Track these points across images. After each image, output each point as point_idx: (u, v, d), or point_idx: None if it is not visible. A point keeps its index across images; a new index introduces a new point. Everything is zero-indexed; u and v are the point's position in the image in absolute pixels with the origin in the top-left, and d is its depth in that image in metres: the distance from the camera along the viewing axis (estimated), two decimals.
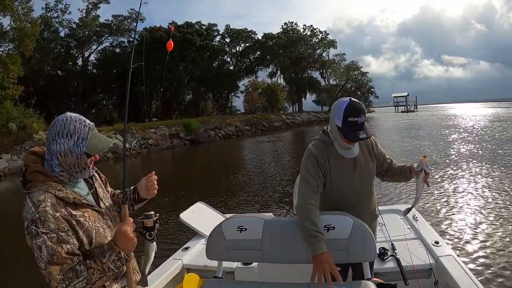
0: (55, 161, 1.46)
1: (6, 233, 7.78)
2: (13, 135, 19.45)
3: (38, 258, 1.34)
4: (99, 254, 1.41)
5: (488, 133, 20.52)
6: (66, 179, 1.49)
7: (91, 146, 1.48)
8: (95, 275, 1.36)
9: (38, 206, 1.35)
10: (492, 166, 10.24)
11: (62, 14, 39.32)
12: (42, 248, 1.33)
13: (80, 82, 41.80)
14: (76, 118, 1.49)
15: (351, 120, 1.98)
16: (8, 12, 25.08)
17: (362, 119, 1.99)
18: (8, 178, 16.85)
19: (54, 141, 1.45)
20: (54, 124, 1.47)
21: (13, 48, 27.21)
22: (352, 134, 1.99)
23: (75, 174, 1.50)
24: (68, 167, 1.47)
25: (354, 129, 1.98)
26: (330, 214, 2.10)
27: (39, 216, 1.34)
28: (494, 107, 67.39)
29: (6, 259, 6.08)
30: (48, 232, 1.34)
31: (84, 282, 1.34)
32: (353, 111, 1.99)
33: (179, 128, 28.32)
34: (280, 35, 55.64)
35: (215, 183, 11.43)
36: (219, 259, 2.28)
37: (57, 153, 1.45)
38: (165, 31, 44.42)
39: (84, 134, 1.47)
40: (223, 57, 52.38)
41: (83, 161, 1.49)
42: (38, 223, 1.33)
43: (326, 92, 61.19)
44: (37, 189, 1.41)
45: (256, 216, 2.24)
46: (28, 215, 1.36)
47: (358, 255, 2.03)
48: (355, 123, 1.98)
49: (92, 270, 1.36)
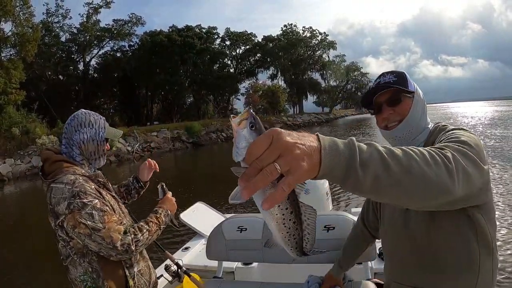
0: (76, 151, 1.64)
1: (10, 237, 7.87)
2: (16, 140, 19.52)
3: (93, 227, 1.45)
4: (153, 212, 1.73)
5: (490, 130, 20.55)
6: (86, 167, 1.66)
7: (109, 133, 1.73)
8: (154, 227, 1.64)
9: (73, 183, 1.49)
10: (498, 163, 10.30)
11: (63, 19, 39.45)
12: (93, 214, 1.46)
13: (81, 86, 41.93)
14: (92, 112, 1.72)
15: None
16: (9, 18, 25.23)
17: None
18: (12, 182, 16.94)
19: (77, 131, 1.63)
20: (74, 118, 1.66)
21: (14, 54, 27.37)
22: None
23: (94, 161, 1.69)
24: (88, 155, 1.67)
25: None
26: (330, 214, 2.09)
27: (79, 189, 1.47)
28: (494, 105, 67.22)
29: (8, 263, 6.17)
30: (93, 200, 1.48)
31: (147, 233, 1.59)
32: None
33: (181, 131, 28.39)
34: (280, 37, 55.77)
35: (216, 184, 11.47)
36: (219, 259, 2.28)
37: (80, 142, 1.64)
38: (165, 35, 44.65)
39: (102, 124, 1.71)
40: (223, 60, 52.53)
41: (102, 147, 1.70)
42: (80, 195, 1.46)
43: (327, 93, 61.34)
44: (64, 174, 1.53)
45: (256, 216, 2.20)
46: (65, 194, 1.47)
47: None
48: None
49: (151, 223, 1.65)
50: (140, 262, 1.73)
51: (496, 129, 22.30)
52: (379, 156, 0.66)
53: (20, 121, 21.28)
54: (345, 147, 0.64)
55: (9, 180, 17.26)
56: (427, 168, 0.71)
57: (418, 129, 1.25)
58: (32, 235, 8.18)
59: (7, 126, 20.36)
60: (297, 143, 0.58)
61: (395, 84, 1.23)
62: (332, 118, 56.70)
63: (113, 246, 1.46)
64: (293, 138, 0.58)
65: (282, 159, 0.56)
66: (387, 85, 1.24)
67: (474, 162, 0.86)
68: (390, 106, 1.25)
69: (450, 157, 0.78)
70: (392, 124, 1.26)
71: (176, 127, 29.48)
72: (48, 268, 5.70)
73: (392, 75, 1.27)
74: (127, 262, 1.64)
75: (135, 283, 1.66)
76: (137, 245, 1.53)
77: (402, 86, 1.23)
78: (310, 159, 0.59)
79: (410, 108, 1.24)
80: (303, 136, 0.61)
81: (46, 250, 6.73)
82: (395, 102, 1.24)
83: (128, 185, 2.05)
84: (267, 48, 53.88)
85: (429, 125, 1.28)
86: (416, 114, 1.25)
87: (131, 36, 44.41)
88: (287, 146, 0.57)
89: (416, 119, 1.25)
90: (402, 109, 1.24)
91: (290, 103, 59.42)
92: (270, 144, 0.57)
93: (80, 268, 1.54)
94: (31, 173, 18.30)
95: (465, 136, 0.99)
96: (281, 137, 0.57)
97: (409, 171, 0.68)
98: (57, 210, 1.47)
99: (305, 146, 0.59)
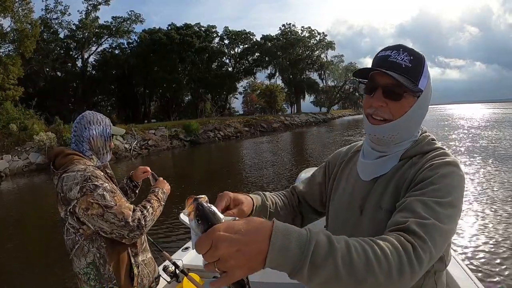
0: (86, 146, 1.78)
1: (7, 234, 7.90)
2: (13, 136, 19.46)
3: (106, 204, 1.57)
4: (151, 192, 1.87)
5: (485, 132, 20.71)
6: (95, 161, 1.79)
7: (114, 130, 1.89)
8: (155, 203, 1.78)
9: (85, 170, 1.62)
10: (492, 164, 10.42)
11: (61, 16, 39.35)
12: (104, 194, 1.58)
13: (79, 83, 41.84)
14: (97, 112, 1.88)
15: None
16: (8, 14, 25.18)
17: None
18: (9, 178, 16.93)
19: (86, 128, 1.77)
20: (83, 117, 1.81)
21: (13, 50, 27.30)
22: None
23: (102, 156, 1.83)
24: (97, 150, 1.80)
25: None
26: None
27: (90, 174, 1.60)
28: (491, 108, 67.57)
29: (4, 258, 6.21)
30: (103, 183, 1.61)
31: (151, 209, 1.72)
32: None
33: (178, 129, 28.40)
34: (279, 36, 55.83)
35: (215, 183, 11.57)
36: None
37: (89, 138, 1.77)
38: (164, 33, 44.62)
39: (108, 122, 1.87)
40: (222, 58, 52.55)
41: (109, 143, 1.85)
42: (92, 179, 1.59)
43: (325, 93, 61.43)
44: (74, 165, 1.66)
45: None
46: (77, 179, 1.58)
47: None
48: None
49: (152, 200, 1.79)
50: (145, 253, 1.84)
51: (492, 130, 22.52)
52: (333, 266, 0.63)
53: (18, 117, 21.19)
54: (297, 249, 0.62)
55: (6, 176, 17.23)
56: (384, 281, 0.66)
57: (404, 136, 1.02)
58: (30, 231, 8.21)
59: (4, 122, 20.29)
60: (239, 250, 0.59)
61: (405, 74, 0.94)
62: (329, 118, 56.82)
63: (126, 222, 1.56)
64: (233, 244, 0.59)
65: (220, 264, 0.60)
66: (393, 70, 0.94)
67: (446, 237, 0.80)
68: (385, 97, 0.98)
69: (417, 259, 0.71)
70: (377, 118, 1.00)
71: (174, 125, 29.48)
72: (45, 263, 5.76)
73: (408, 55, 0.96)
74: (133, 250, 1.73)
75: (139, 272, 1.76)
76: (146, 221, 1.64)
77: (412, 78, 0.95)
78: (251, 262, 0.61)
79: (408, 111, 0.98)
80: (251, 235, 0.61)
81: (44, 246, 6.80)
82: (393, 96, 0.97)
83: (123, 186, 2.16)
84: (266, 47, 53.94)
85: (418, 132, 1.06)
86: (412, 119, 1.00)
87: (130, 34, 44.36)
88: (223, 256, 0.59)
89: (409, 125, 1.00)
90: (398, 108, 0.97)
91: (288, 103, 59.53)
92: (210, 247, 0.59)
93: (83, 260, 1.62)
94: (28, 169, 18.30)
95: (448, 183, 0.86)
96: (219, 245, 0.58)
97: (361, 284, 0.65)
98: (69, 196, 1.56)
99: (246, 253, 0.60)
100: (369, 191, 1.04)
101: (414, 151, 1.01)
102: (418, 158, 0.99)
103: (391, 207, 0.94)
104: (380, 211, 0.98)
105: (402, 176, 0.98)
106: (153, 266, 1.90)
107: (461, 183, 0.89)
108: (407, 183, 0.95)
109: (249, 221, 0.63)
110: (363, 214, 1.03)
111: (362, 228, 1.02)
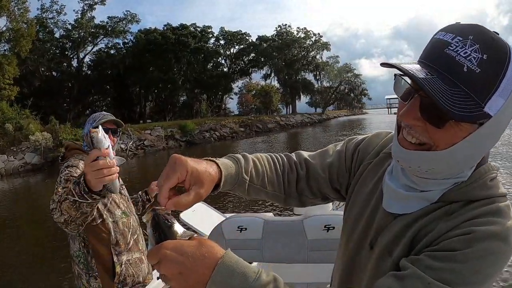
0: (84, 142, 2.03)
1: (2, 234, 7.95)
2: (9, 136, 19.48)
3: (58, 182, 1.76)
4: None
5: None
6: None
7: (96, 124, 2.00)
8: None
9: (73, 162, 1.88)
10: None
11: (57, 15, 39.23)
12: (61, 178, 1.77)
13: (75, 83, 41.70)
14: (102, 112, 2.12)
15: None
16: (4, 13, 25.13)
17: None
18: (5, 179, 16.96)
19: (85, 126, 2.01)
20: (89, 117, 2.06)
21: (8, 49, 27.25)
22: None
23: None
24: (89, 145, 1.96)
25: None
26: (330, 214, 2.11)
27: (72, 164, 1.85)
28: None
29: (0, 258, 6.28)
30: (71, 172, 1.79)
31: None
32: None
33: (174, 129, 28.49)
34: (274, 37, 56.00)
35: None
36: None
37: (84, 134, 2.00)
38: (159, 33, 44.61)
39: (93, 117, 2.03)
40: (217, 59, 52.61)
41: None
42: (70, 167, 1.82)
43: (320, 94, 61.71)
44: (74, 158, 1.93)
45: (256, 216, 2.19)
46: (64, 166, 1.86)
47: None
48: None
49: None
50: (132, 253, 1.93)
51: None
52: None
53: (14, 117, 21.19)
54: (239, 282, 0.59)
55: (2, 176, 17.26)
56: None
57: (446, 172, 0.70)
58: (25, 232, 8.29)
59: (0, 122, 20.30)
60: (181, 273, 0.58)
61: (464, 84, 0.60)
62: (324, 118, 57.03)
63: (51, 209, 1.59)
64: (176, 266, 0.58)
65: (164, 279, 0.60)
66: (443, 75, 0.61)
67: None
68: (422, 114, 0.65)
69: None
70: (408, 138, 0.69)
71: (170, 125, 29.58)
72: (40, 263, 5.85)
73: (479, 52, 0.59)
74: (116, 249, 1.85)
75: (122, 271, 1.85)
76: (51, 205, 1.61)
77: (476, 95, 0.60)
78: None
79: (459, 142, 0.65)
80: (196, 261, 0.59)
81: (40, 246, 6.89)
82: (432, 120, 0.64)
83: (137, 197, 2.35)
84: (261, 48, 54.05)
85: (471, 169, 0.71)
86: (464, 154, 0.67)
87: (126, 34, 44.27)
88: (166, 275, 0.60)
89: (456, 161, 0.68)
90: (441, 135, 0.65)
91: (283, 103, 59.70)
92: (158, 261, 0.59)
93: (76, 243, 1.83)
94: (24, 169, 18.32)
95: (477, 269, 0.61)
96: (163, 263, 0.59)
97: None
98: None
99: (188, 278, 0.58)
100: (385, 226, 0.78)
101: (457, 195, 0.70)
102: (460, 207, 0.69)
103: (400, 259, 0.71)
104: (387, 259, 0.75)
105: (427, 224, 0.71)
106: (140, 267, 1.95)
107: (497, 270, 0.63)
108: (428, 240, 0.69)
109: (201, 245, 0.61)
110: (372, 251, 0.80)
111: (366, 267, 0.82)
